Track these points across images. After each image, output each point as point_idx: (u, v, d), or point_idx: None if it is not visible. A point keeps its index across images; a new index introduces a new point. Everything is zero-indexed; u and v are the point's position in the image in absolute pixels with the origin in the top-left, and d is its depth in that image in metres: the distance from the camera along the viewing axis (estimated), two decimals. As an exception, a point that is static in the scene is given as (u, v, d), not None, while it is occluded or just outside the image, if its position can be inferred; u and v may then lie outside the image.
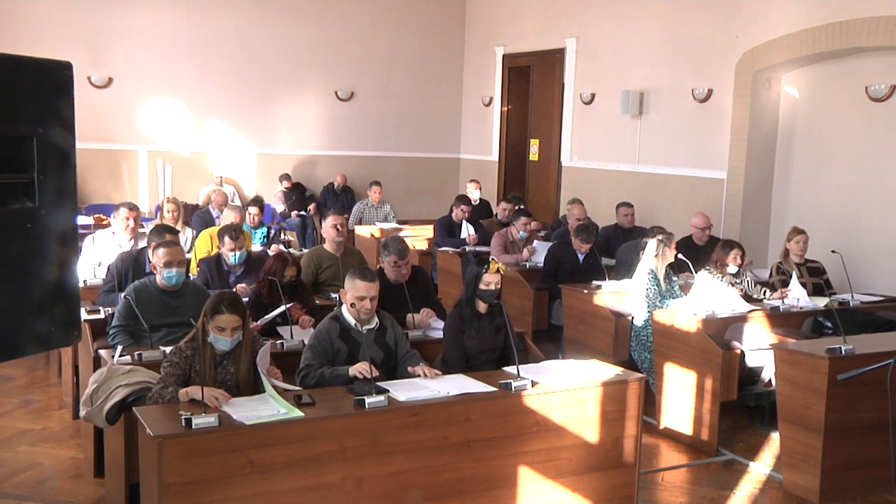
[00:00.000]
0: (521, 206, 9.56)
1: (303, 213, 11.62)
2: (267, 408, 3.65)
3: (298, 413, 3.60)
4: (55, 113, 1.98)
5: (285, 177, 12.06)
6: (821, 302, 6.38)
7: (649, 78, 9.97)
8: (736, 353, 5.47)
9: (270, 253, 6.41)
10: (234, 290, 5.69)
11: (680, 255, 6.91)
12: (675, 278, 6.54)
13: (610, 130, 10.62)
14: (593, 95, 10.91)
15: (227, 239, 6.12)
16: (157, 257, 5.01)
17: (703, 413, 5.51)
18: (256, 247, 7.63)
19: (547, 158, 12.04)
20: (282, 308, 5.13)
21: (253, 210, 8.22)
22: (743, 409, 6.09)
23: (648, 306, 6.17)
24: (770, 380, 5.68)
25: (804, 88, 8.64)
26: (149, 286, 5.01)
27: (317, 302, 5.73)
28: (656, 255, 6.27)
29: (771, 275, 7.07)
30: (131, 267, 5.82)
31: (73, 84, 2.01)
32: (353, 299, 4.37)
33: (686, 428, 5.62)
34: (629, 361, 6.24)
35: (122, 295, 4.97)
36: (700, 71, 9.31)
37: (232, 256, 6.13)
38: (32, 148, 1.93)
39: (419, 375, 4.22)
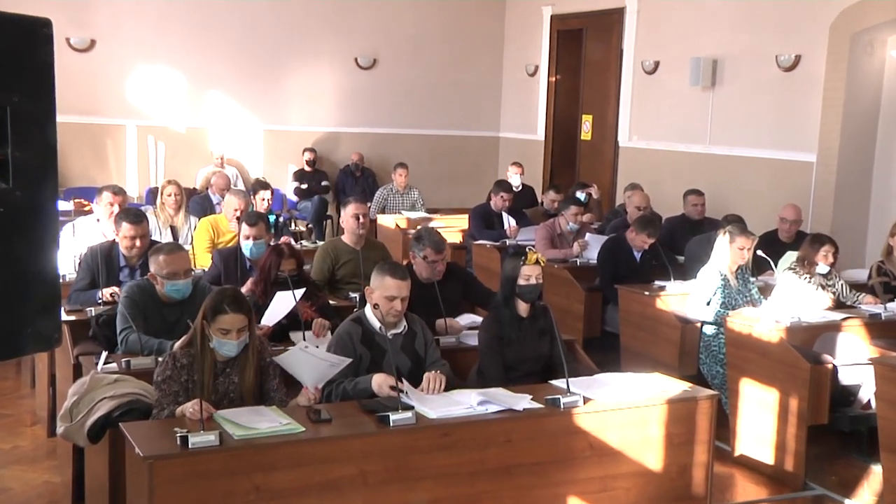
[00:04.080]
0: (587, 193, 9.57)
1: (320, 196, 11.65)
2: (264, 419, 3.67)
3: (298, 427, 3.61)
4: (31, 78, 1.97)
5: (309, 150, 12.15)
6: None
7: (724, 43, 9.87)
8: (827, 368, 5.40)
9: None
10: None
11: (759, 252, 6.83)
12: (752, 279, 6.48)
13: (676, 105, 10.54)
14: (657, 64, 10.84)
15: (244, 225, 6.10)
16: (157, 265, 4.88)
17: (786, 439, 5.44)
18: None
19: (601, 138, 11.99)
20: (286, 301, 5.08)
21: (264, 195, 8.26)
22: (835, 434, 5.99)
23: (717, 311, 6.15)
24: (869, 401, 5.60)
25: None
26: (148, 290, 4.95)
27: (331, 302, 5.75)
28: (725, 250, 6.23)
29: (870, 276, 6.98)
30: (102, 262, 5.84)
31: (53, 45, 2.00)
32: (380, 299, 4.38)
33: (766, 456, 5.57)
34: (698, 376, 6.20)
35: (123, 294, 4.96)
36: (786, 33, 9.19)
37: (246, 247, 6.11)
38: (5, 119, 1.92)
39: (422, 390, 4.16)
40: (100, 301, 5.53)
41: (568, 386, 4.20)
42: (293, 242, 7.63)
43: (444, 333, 5.26)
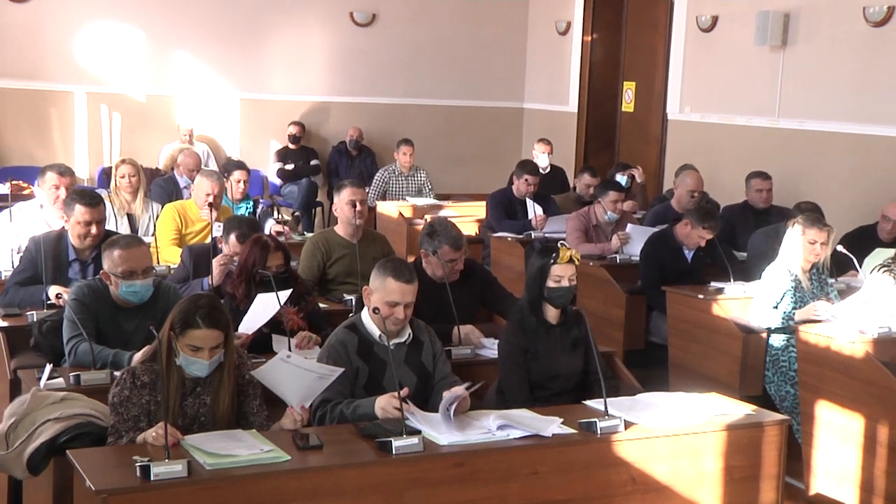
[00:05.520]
0: (629, 176, 9.59)
1: (309, 179, 11.68)
2: (241, 446, 3.68)
3: (282, 456, 3.62)
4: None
5: (295, 124, 12.19)
6: None
7: (798, -7, 9.85)
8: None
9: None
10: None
11: (839, 248, 6.80)
12: (830, 280, 6.46)
13: (739, 69, 10.51)
14: (715, 19, 10.81)
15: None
16: (111, 262, 4.86)
17: (873, 475, 5.41)
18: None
19: (646, 109, 11.97)
20: (269, 305, 5.10)
21: (238, 175, 8.28)
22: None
23: (784, 318, 6.14)
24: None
25: None
26: (100, 292, 4.96)
27: (321, 306, 5.75)
28: (796, 245, 6.21)
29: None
30: (51, 255, 5.84)
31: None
32: (381, 304, 4.39)
33: (848, 496, 5.54)
34: (764, 397, 6.20)
35: (71, 297, 4.96)
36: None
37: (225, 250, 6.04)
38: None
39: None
40: (45, 300, 5.54)
41: (606, 407, 4.19)
42: (283, 230, 7.63)
43: (457, 344, 5.27)
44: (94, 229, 5.84)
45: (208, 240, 6.54)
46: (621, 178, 9.68)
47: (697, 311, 6.75)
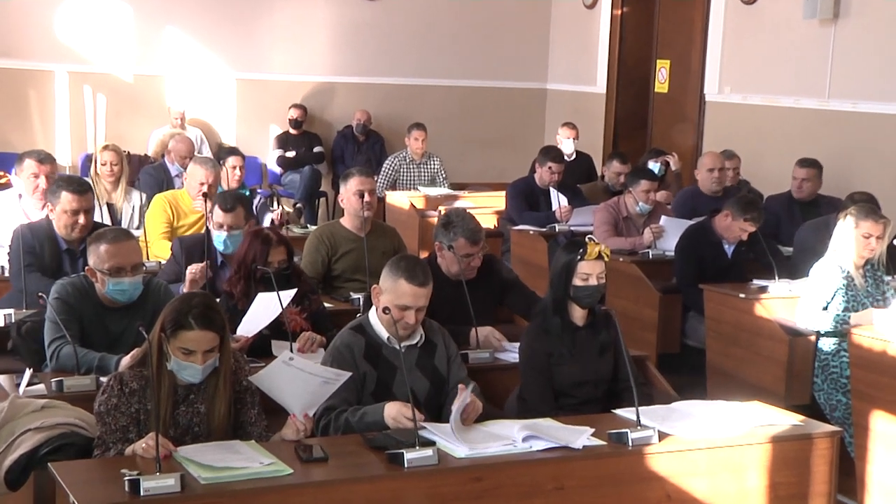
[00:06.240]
0: (663, 163, 9.60)
1: (312, 167, 11.68)
2: (239, 458, 3.68)
3: (284, 469, 3.63)
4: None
5: (297, 107, 12.18)
6: None
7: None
8: None
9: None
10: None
11: (896, 242, 6.78)
12: (887, 278, 6.45)
13: (785, 45, 10.49)
14: (759, -11, 10.79)
15: (217, 210, 6.10)
16: (97, 257, 4.86)
17: (934, 492, 5.42)
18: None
19: (682, 89, 11.95)
20: (270, 305, 5.11)
21: (233, 161, 8.29)
22: None
23: (837, 321, 6.12)
24: None
25: None
26: (85, 291, 4.97)
27: (326, 305, 5.76)
28: (848, 239, 6.20)
29: None
30: (46, 244, 5.87)
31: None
32: (391, 305, 4.39)
33: (906, 514, 5.54)
34: (812, 406, 6.19)
35: (53, 295, 4.94)
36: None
37: (219, 239, 6.10)
38: None
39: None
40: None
41: (638, 417, 4.20)
42: (276, 215, 7.63)
43: (474, 347, 5.27)
44: (81, 219, 5.87)
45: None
46: (654, 166, 9.66)
47: (738, 312, 6.75)
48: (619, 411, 4.48)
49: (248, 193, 8.38)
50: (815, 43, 10.16)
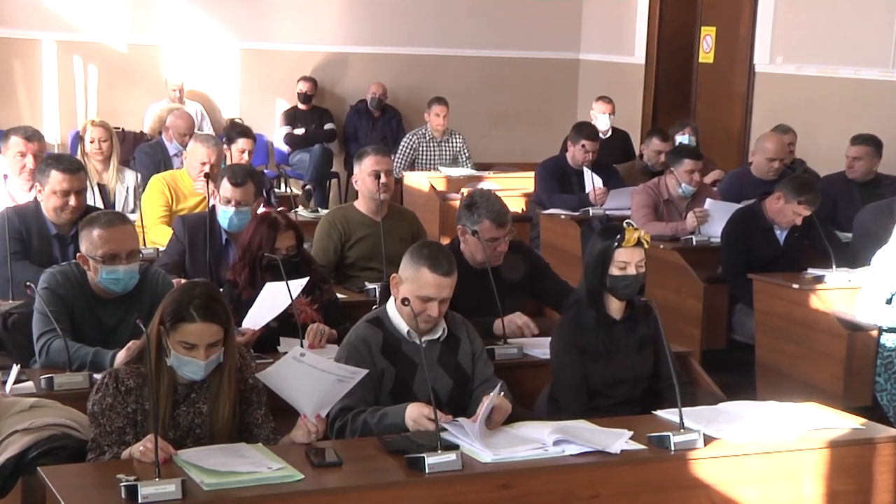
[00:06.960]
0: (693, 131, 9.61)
1: (323, 146, 11.71)
2: (245, 462, 3.70)
3: (294, 475, 3.64)
4: None
5: (306, 80, 12.16)
6: None
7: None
8: None
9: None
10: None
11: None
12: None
13: (844, 10, 10.46)
14: (815, -51, 10.76)
15: (225, 183, 6.12)
16: (89, 243, 4.87)
17: None
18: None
19: (729, 60, 11.92)
20: (279, 296, 5.12)
21: (243, 145, 8.31)
22: None
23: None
24: None
25: None
26: (76, 280, 4.99)
27: (339, 296, 5.78)
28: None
29: None
30: (34, 229, 5.91)
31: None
32: (412, 296, 4.39)
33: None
34: (874, 408, 6.20)
35: (41, 285, 4.96)
36: None
37: (225, 215, 6.11)
38: None
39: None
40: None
41: (681, 419, 4.20)
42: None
43: (501, 341, 5.28)
44: (72, 200, 5.88)
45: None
46: (682, 138, 9.64)
47: (791, 304, 6.74)
48: (660, 413, 4.48)
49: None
50: (878, 8, 10.13)
